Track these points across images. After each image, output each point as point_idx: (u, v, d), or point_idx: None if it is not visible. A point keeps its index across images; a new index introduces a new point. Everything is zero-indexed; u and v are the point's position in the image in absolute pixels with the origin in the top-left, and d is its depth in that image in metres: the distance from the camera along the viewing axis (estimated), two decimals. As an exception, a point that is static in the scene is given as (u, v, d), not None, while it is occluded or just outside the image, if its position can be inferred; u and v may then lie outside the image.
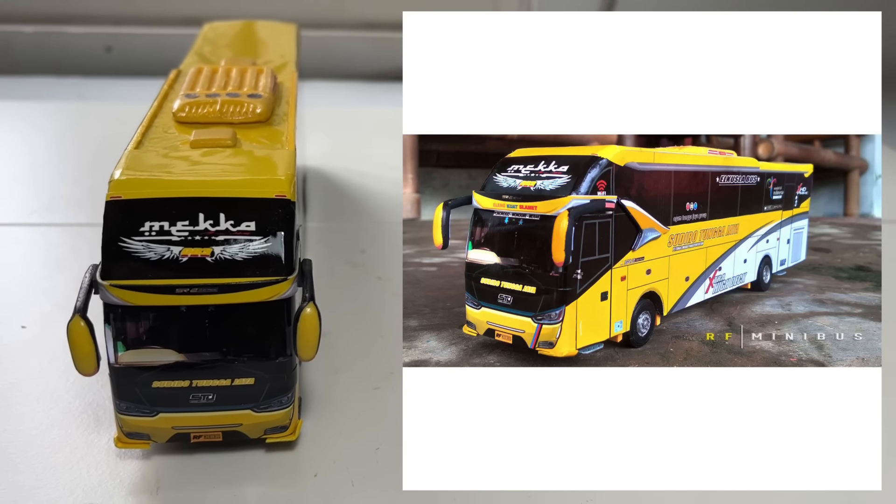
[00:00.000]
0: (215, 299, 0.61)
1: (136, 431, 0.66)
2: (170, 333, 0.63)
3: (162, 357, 0.64)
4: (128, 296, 0.61)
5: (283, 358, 0.66)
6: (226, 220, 0.62)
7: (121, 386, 0.65)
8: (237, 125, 0.77)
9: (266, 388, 0.66)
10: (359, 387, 0.80)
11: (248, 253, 0.62)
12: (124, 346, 0.63)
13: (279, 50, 1.10)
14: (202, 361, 0.64)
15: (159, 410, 0.65)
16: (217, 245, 0.61)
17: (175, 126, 0.77)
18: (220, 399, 0.65)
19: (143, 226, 0.61)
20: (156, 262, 0.61)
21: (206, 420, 0.66)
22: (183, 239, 0.61)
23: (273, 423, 0.68)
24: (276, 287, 0.62)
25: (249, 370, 0.65)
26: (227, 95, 0.81)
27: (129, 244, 0.61)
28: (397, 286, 1.00)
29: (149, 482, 0.67)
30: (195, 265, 0.61)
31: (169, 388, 0.64)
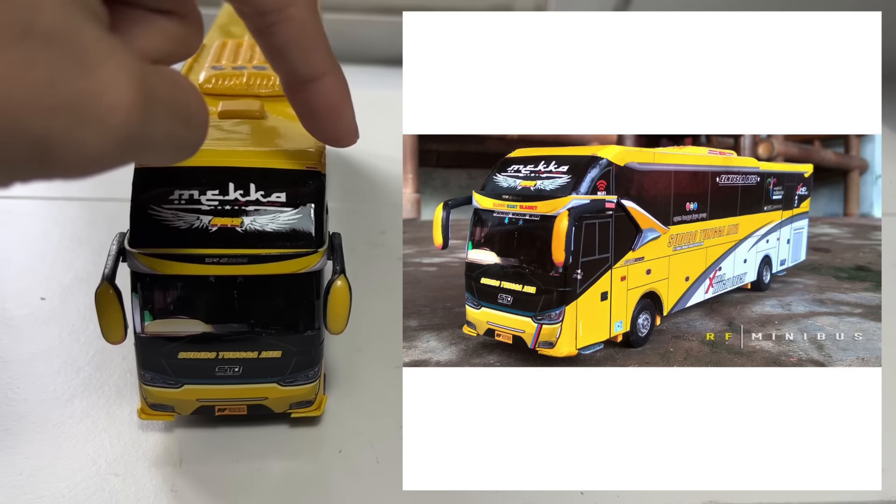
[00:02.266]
0: (245, 270, 0.61)
1: (160, 403, 0.66)
2: (197, 304, 0.63)
3: (189, 328, 0.63)
4: (157, 264, 0.60)
5: (311, 331, 0.65)
6: (256, 191, 0.62)
7: (146, 356, 0.64)
8: (263, 97, 0.77)
9: (293, 362, 0.66)
10: (381, 365, 0.79)
11: (279, 224, 0.61)
12: (151, 315, 0.63)
13: None
14: (229, 333, 0.64)
15: (185, 382, 0.65)
16: (247, 215, 0.61)
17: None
18: (246, 372, 0.65)
19: (172, 194, 0.61)
20: (185, 230, 0.60)
21: (231, 393, 0.66)
22: (213, 208, 0.61)
23: (299, 397, 0.68)
24: (306, 259, 0.62)
25: (277, 343, 0.65)
26: (253, 68, 0.81)
27: (158, 212, 0.60)
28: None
29: (172, 455, 0.67)
30: (225, 235, 0.60)
31: (195, 359, 0.64)
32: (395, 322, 0.89)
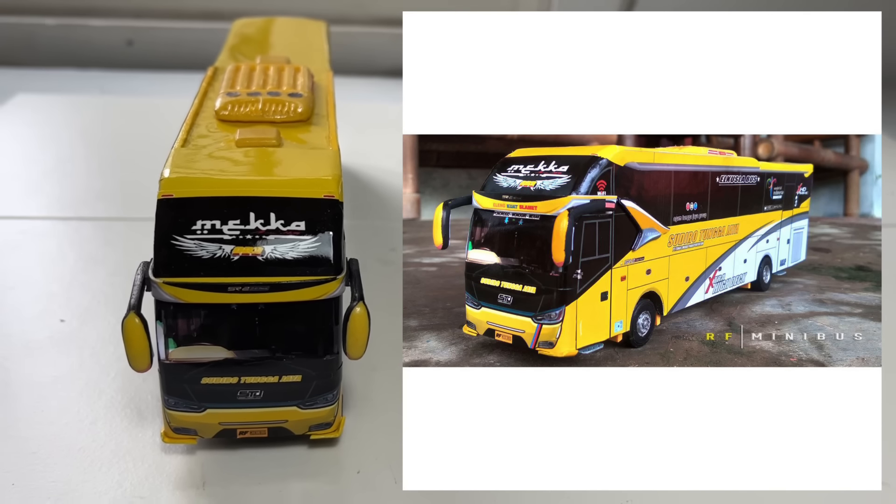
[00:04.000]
0: (266, 298, 0.62)
1: (183, 427, 0.67)
2: (220, 331, 0.64)
3: (212, 354, 0.64)
4: (181, 293, 0.61)
5: (330, 356, 0.66)
6: (276, 220, 0.63)
7: (170, 382, 0.65)
8: (279, 124, 0.78)
9: (313, 386, 0.67)
10: (397, 384, 0.80)
11: (298, 252, 0.63)
12: (175, 342, 0.64)
13: (312, 47, 1.10)
14: (251, 358, 0.65)
15: (207, 406, 0.66)
16: (268, 244, 0.62)
17: (218, 124, 0.78)
18: (267, 395, 0.66)
19: (195, 224, 0.62)
20: (208, 260, 0.61)
21: (252, 416, 0.67)
22: (234, 238, 0.62)
23: (318, 419, 0.69)
24: (325, 286, 0.63)
25: (297, 367, 0.66)
26: (268, 94, 0.81)
27: (181, 242, 0.62)
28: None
29: (195, 477, 0.68)
30: (246, 264, 0.62)
31: (217, 384, 0.65)
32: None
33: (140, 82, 1.89)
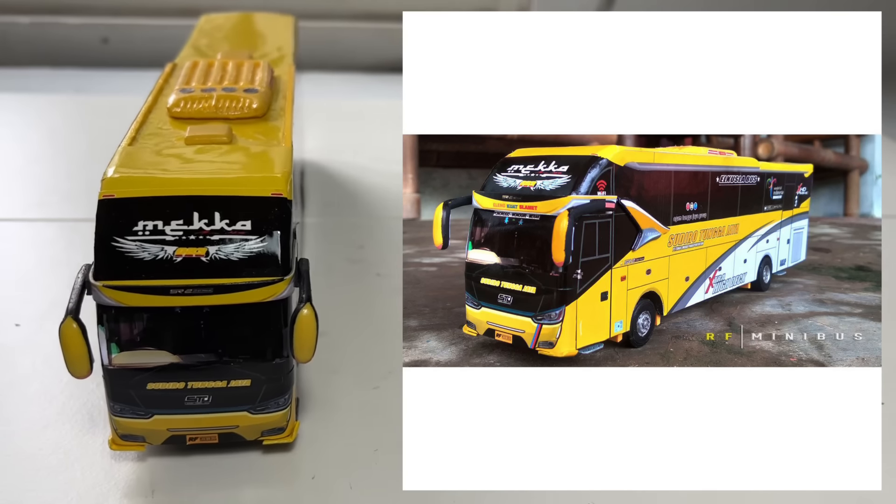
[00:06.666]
0: (210, 300, 0.61)
1: (130, 433, 0.66)
2: (164, 335, 0.63)
3: (156, 359, 0.63)
4: (121, 297, 0.60)
5: (279, 359, 0.65)
6: (221, 220, 0.61)
7: (115, 388, 0.64)
8: (233, 121, 0.76)
9: (263, 390, 0.65)
10: (357, 387, 0.79)
11: (244, 253, 0.61)
12: (118, 347, 0.63)
13: (276, 43, 1.09)
14: (197, 363, 0.63)
15: (154, 412, 0.65)
16: (212, 245, 0.61)
17: (170, 122, 0.77)
18: (215, 401, 0.65)
19: (136, 225, 0.60)
20: (149, 262, 0.60)
21: (201, 422, 0.66)
22: (177, 238, 0.60)
23: (270, 424, 0.67)
24: (272, 288, 0.62)
25: (245, 372, 0.64)
26: (222, 90, 0.80)
27: (122, 244, 0.60)
28: (397, 284, 1.00)
29: (144, 485, 0.66)
30: (190, 265, 0.60)
31: (164, 389, 0.64)
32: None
33: (116, 80, 1.86)
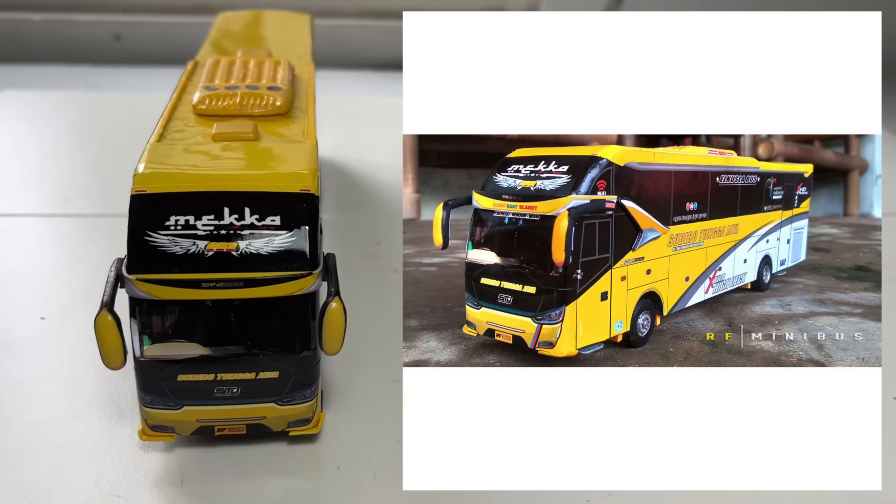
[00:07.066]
0: (241, 293, 0.62)
1: (160, 424, 0.67)
2: (195, 327, 0.64)
3: (187, 351, 0.64)
4: (154, 290, 0.61)
5: (307, 352, 0.66)
6: (251, 215, 0.63)
7: (146, 379, 0.65)
8: (257, 118, 0.77)
9: (290, 382, 0.67)
10: (378, 380, 0.80)
11: (274, 247, 0.62)
12: (150, 339, 0.64)
13: (294, 41, 1.10)
14: (227, 355, 0.64)
15: (184, 403, 0.66)
16: (242, 239, 0.62)
17: (195, 119, 0.78)
18: (244, 392, 0.66)
19: (168, 220, 0.62)
20: (181, 256, 0.61)
21: (230, 413, 0.67)
22: (208, 233, 0.62)
23: (296, 416, 0.69)
24: (301, 281, 0.63)
25: (274, 364, 0.66)
26: (246, 88, 0.81)
27: (154, 238, 0.61)
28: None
29: (173, 475, 0.67)
30: (220, 259, 0.61)
31: (194, 381, 0.65)
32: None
33: (128, 77, 1.87)
